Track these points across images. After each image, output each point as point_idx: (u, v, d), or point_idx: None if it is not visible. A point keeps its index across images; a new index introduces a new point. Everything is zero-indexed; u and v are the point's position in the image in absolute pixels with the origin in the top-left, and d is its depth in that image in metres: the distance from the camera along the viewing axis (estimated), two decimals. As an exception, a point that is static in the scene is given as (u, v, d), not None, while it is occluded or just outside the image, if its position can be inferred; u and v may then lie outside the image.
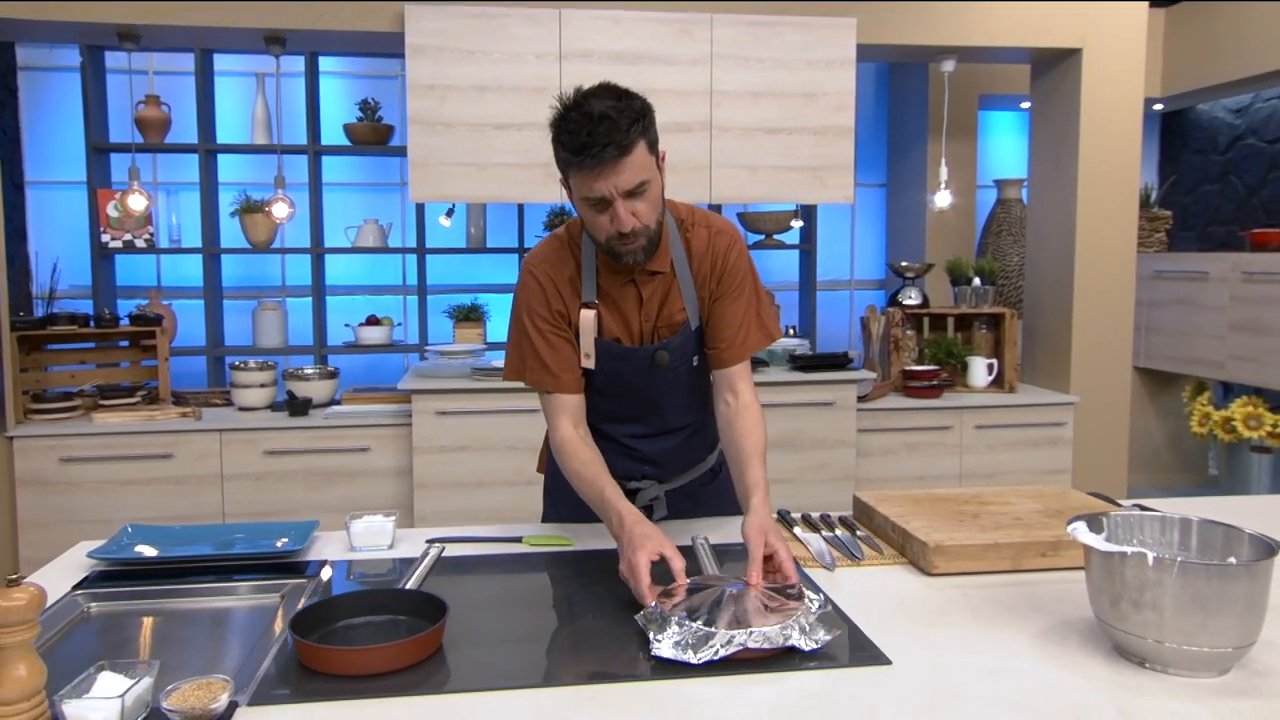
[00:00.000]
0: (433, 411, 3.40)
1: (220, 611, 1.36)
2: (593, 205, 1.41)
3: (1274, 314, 4.43)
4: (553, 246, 1.59)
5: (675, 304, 1.59)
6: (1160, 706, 1.00)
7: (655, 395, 1.64)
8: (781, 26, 3.46)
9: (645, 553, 1.27)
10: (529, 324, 1.55)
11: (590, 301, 1.55)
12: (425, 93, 3.33)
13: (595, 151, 1.34)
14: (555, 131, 1.41)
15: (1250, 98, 5.24)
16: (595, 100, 1.39)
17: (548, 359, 1.55)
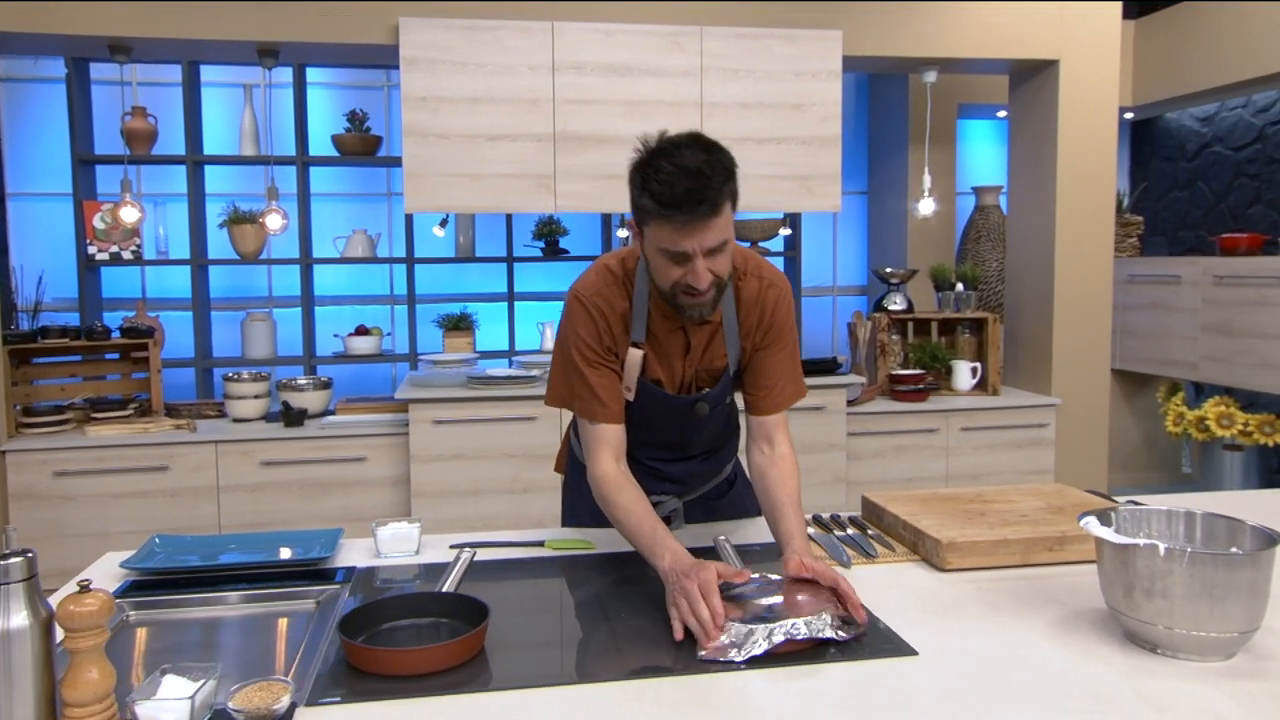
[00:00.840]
0: (429, 420, 3.42)
1: (258, 617, 1.39)
2: (670, 258, 1.38)
3: (1244, 316, 4.57)
4: (605, 280, 1.55)
5: (718, 350, 1.59)
6: (1174, 689, 1.07)
7: (686, 434, 1.68)
8: (769, 39, 3.53)
9: (710, 573, 1.25)
10: (578, 354, 1.52)
11: (639, 342, 1.54)
12: (419, 105, 3.36)
13: (688, 209, 1.31)
14: (642, 179, 1.36)
15: (1216, 107, 5.40)
16: (687, 151, 1.34)
17: (597, 389, 1.52)
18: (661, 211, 1.33)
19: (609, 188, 3.50)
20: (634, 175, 1.39)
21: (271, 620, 1.38)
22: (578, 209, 3.51)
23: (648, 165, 1.36)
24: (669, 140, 1.38)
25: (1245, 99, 5.19)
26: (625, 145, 3.56)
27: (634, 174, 1.39)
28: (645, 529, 1.41)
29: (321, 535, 1.66)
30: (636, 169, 1.38)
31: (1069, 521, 1.57)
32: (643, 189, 1.36)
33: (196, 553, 1.59)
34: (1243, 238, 4.76)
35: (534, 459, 3.49)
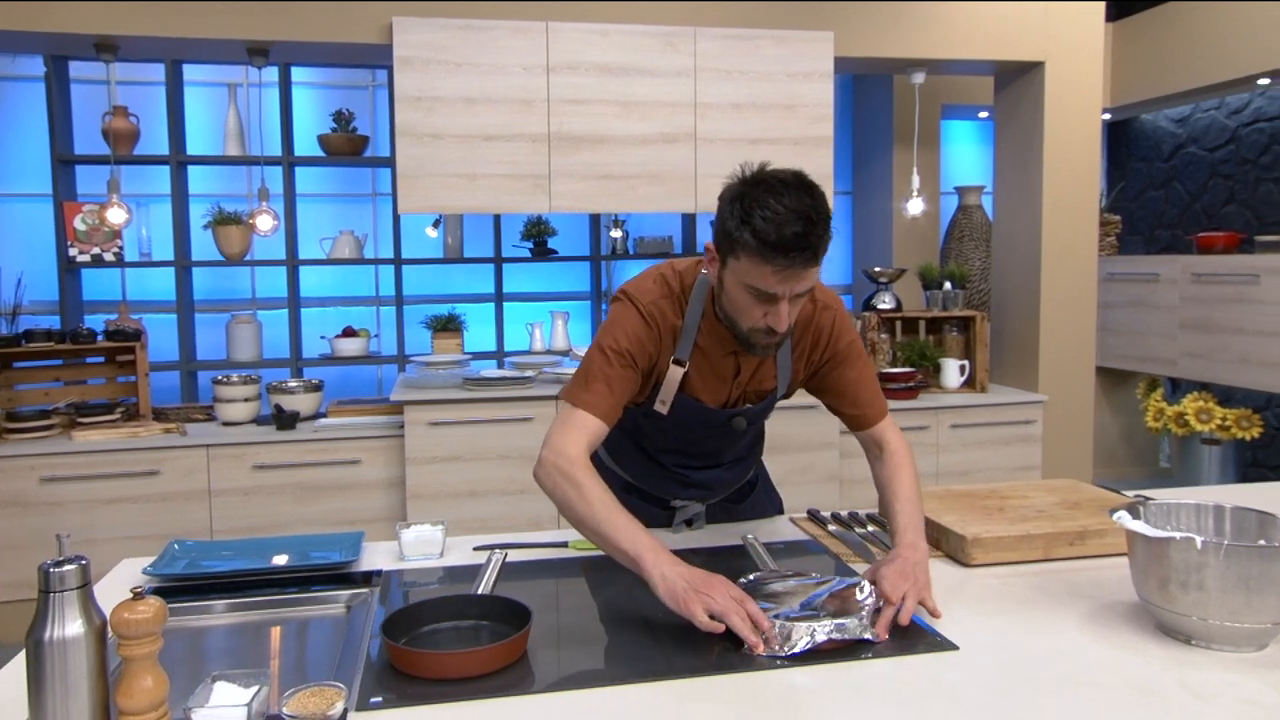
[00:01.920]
0: (425, 422, 3.40)
1: (291, 622, 1.37)
2: (756, 296, 1.34)
3: (1221, 313, 4.66)
4: (663, 291, 1.50)
5: (768, 373, 1.57)
6: (1215, 679, 1.09)
7: (719, 446, 1.67)
8: (761, 40, 3.55)
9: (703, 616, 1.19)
10: (613, 352, 1.45)
11: (682, 360, 1.50)
12: (413, 104, 3.34)
13: (792, 254, 1.28)
14: (743, 211, 1.29)
15: (1190, 108, 5.51)
16: (795, 192, 1.29)
17: (610, 380, 1.44)
18: (762, 251, 1.28)
19: (603, 188, 3.51)
20: (732, 205, 1.32)
21: (303, 625, 1.37)
22: (572, 209, 3.50)
23: (751, 198, 1.29)
24: (773, 174, 1.33)
25: (1219, 101, 5.30)
26: (619, 145, 3.61)
27: (733, 204, 1.32)
28: (623, 522, 1.32)
29: (344, 539, 1.65)
30: (737, 199, 1.32)
31: (1087, 516, 1.60)
32: (743, 222, 1.29)
33: (217, 557, 1.57)
34: (1219, 236, 4.86)
35: (530, 460, 3.42)
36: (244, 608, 1.40)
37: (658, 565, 1.25)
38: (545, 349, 4.48)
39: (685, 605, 1.20)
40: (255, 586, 1.45)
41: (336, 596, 1.43)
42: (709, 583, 1.23)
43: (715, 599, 1.20)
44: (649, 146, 3.51)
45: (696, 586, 1.22)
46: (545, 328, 4.54)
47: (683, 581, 1.23)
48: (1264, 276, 4.41)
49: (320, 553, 1.59)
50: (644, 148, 3.51)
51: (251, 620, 1.38)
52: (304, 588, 1.46)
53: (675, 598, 1.22)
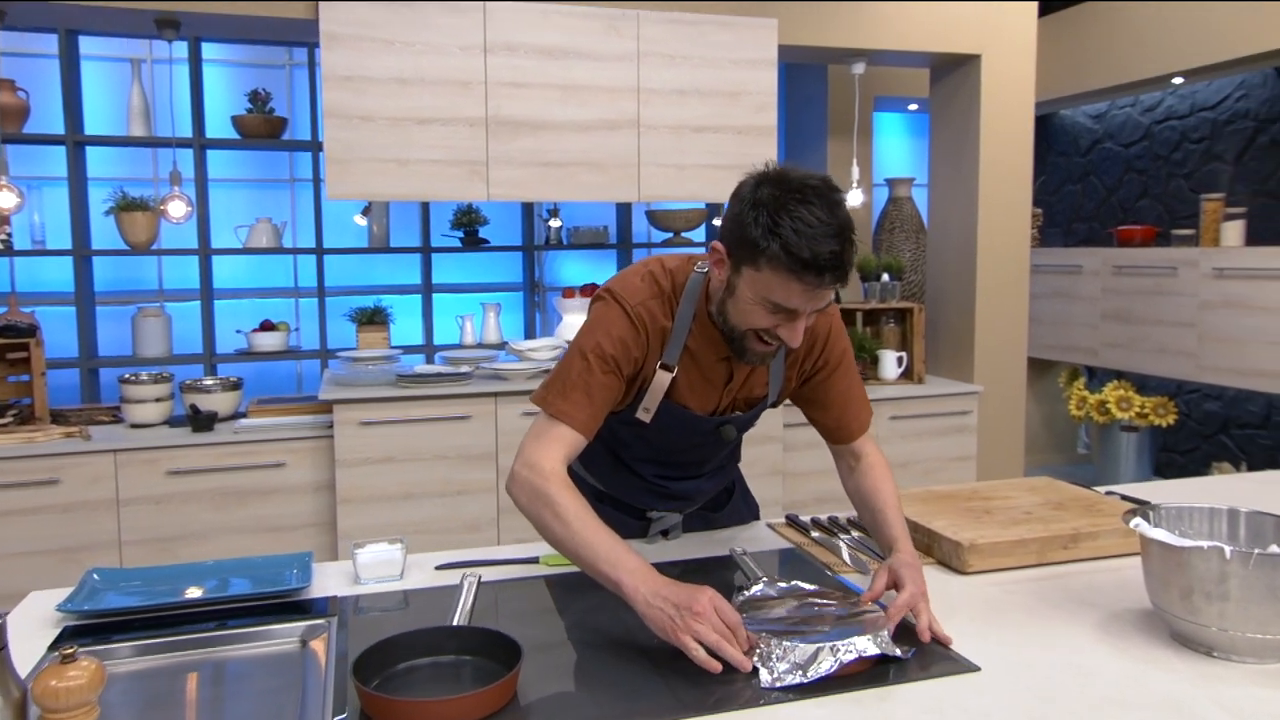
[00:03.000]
0: (356, 422, 3.21)
1: (239, 662, 1.22)
2: (771, 309, 1.25)
3: (1141, 304, 4.81)
4: (652, 292, 1.39)
5: (760, 379, 1.48)
6: (1249, 695, 1.05)
7: (703, 456, 1.58)
8: (706, 25, 3.46)
9: (695, 648, 1.10)
10: (595, 356, 1.34)
11: (670, 365, 1.40)
12: (342, 84, 3.13)
13: (823, 274, 1.19)
14: (771, 219, 1.18)
15: (1106, 105, 5.66)
16: (824, 205, 1.19)
17: (592, 390, 1.33)
18: (792, 266, 1.18)
19: (543, 176, 3.36)
20: (756, 210, 1.20)
21: (255, 664, 1.21)
22: (511, 198, 3.35)
23: (779, 205, 1.18)
24: (801, 180, 1.21)
25: (1133, 98, 5.47)
26: (560, 131, 3.47)
27: (756, 209, 1.20)
28: (603, 539, 1.21)
29: (290, 561, 1.49)
30: (763, 205, 1.20)
31: (1075, 518, 1.56)
32: (772, 231, 1.18)
33: (144, 588, 1.39)
34: (1138, 230, 5.01)
35: (468, 460, 3.33)
36: (181, 647, 1.23)
37: (639, 591, 1.15)
38: (476, 342, 4.31)
39: (675, 637, 1.12)
40: (193, 620, 1.29)
41: (289, 630, 1.27)
42: (694, 600, 1.12)
43: (705, 630, 1.11)
44: (591, 133, 3.39)
45: (684, 608, 1.12)
46: (477, 320, 4.37)
47: (669, 608, 1.13)
48: (1181, 269, 4.56)
49: (266, 578, 1.43)
50: (585, 134, 3.38)
51: (191, 661, 1.22)
52: (254, 619, 1.30)
53: (663, 629, 1.13)
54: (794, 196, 1.19)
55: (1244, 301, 4.25)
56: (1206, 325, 4.43)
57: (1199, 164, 5.08)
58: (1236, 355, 4.31)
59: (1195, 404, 5.21)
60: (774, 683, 1.08)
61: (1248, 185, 4.81)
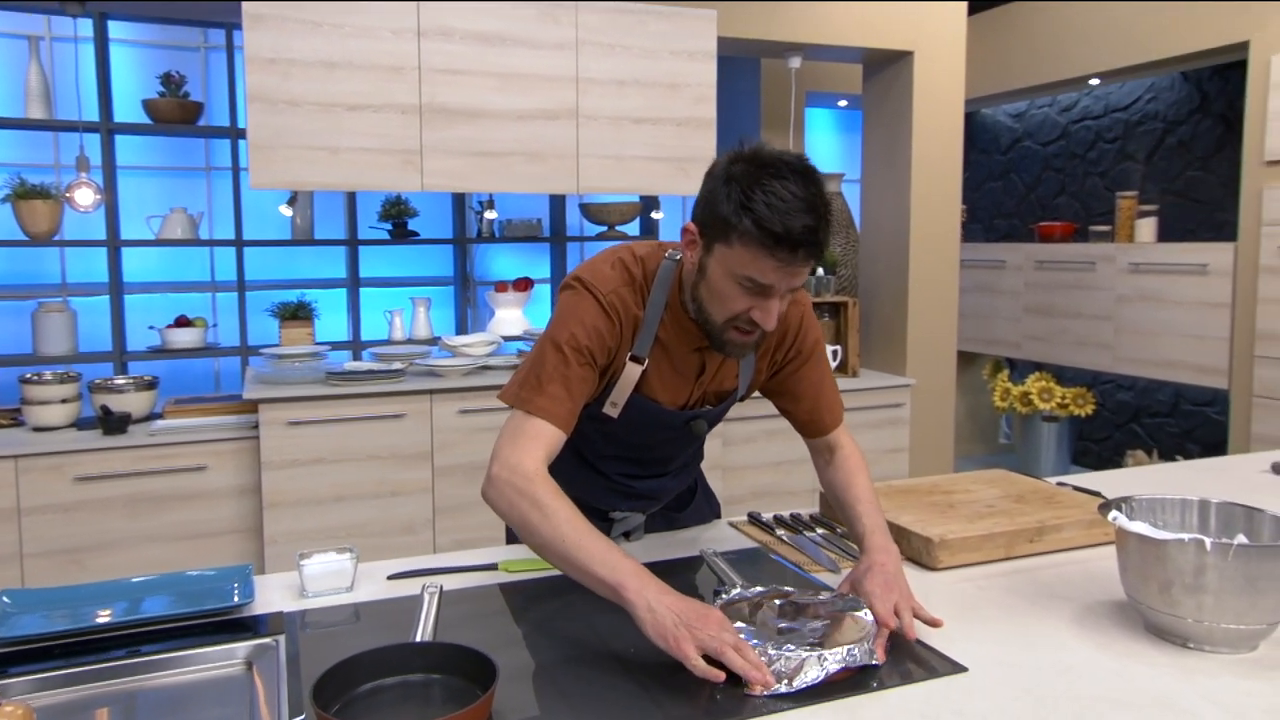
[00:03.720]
0: (283, 421, 3.06)
1: (179, 689, 1.11)
2: (746, 288, 1.21)
3: (1061, 298, 4.96)
4: (624, 279, 1.34)
5: (730, 371, 1.44)
6: (1232, 686, 1.05)
7: (671, 452, 1.53)
8: (646, 15, 3.40)
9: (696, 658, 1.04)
10: (570, 347, 1.28)
11: (641, 357, 1.35)
12: (266, 67, 2.97)
13: (798, 249, 1.15)
14: (744, 194, 1.15)
15: (1026, 105, 5.83)
16: (801, 180, 1.16)
17: (569, 383, 1.28)
18: (764, 242, 1.15)
19: (479, 165, 3.26)
20: (729, 186, 1.17)
21: (196, 691, 1.11)
22: (446, 188, 3.24)
23: (752, 180, 1.16)
24: (777, 156, 1.19)
25: (1051, 99, 5.63)
26: (497, 120, 3.37)
27: (729, 184, 1.17)
28: (597, 543, 1.15)
29: (229, 575, 1.38)
30: (735, 180, 1.17)
31: (1037, 510, 1.57)
32: (744, 207, 1.15)
33: (66, 609, 1.27)
34: (1058, 226, 5.16)
35: (402, 459, 3.21)
36: (114, 675, 1.12)
37: (643, 594, 1.08)
38: (406, 338, 4.18)
39: (676, 646, 1.05)
40: (124, 644, 1.18)
41: (231, 651, 1.18)
42: (703, 618, 1.07)
43: (708, 637, 1.05)
44: (528, 123, 3.30)
45: (689, 622, 1.06)
46: (406, 315, 4.23)
47: (672, 616, 1.06)
48: (1099, 264, 4.71)
49: (204, 594, 1.32)
50: (523, 124, 3.29)
51: (127, 689, 1.11)
52: (191, 640, 1.19)
53: (664, 636, 1.06)
54: (768, 172, 1.16)
55: (1158, 295, 4.42)
56: (1123, 318, 4.59)
57: (1113, 163, 5.27)
58: (1150, 347, 4.48)
59: (1109, 394, 5.40)
60: (759, 691, 1.03)
61: (1158, 184, 5.00)
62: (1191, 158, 4.83)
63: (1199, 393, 4.87)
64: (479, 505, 3.31)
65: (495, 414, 3.29)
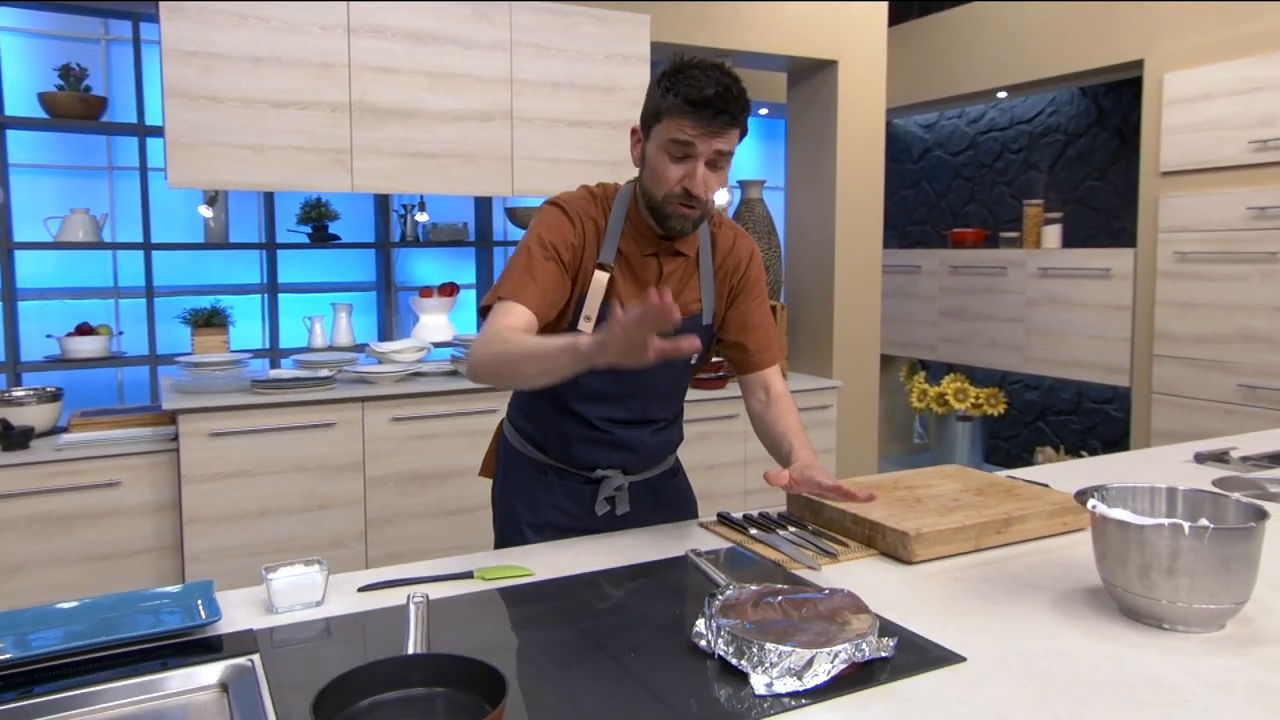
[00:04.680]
0: (205, 433, 2.91)
1: (150, 716, 1.03)
2: (675, 155, 1.42)
3: (974, 302, 5.15)
4: (585, 196, 1.57)
5: (693, 292, 1.61)
6: (1215, 664, 1.09)
7: (648, 375, 1.57)
8: (580, 17, 3.39)
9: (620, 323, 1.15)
10: (536, 244, 1.48)
11: (607, 264, 1.53)
12: (186, 60, 2.83)
13: (716, 111, 1.38)
14: (670, 82, 1.41)
15: (936, 115, 6.04)
16: (712, 69, 1.41)
17: (538, 273, 1.46)
18: (686, 108, 1.39)
19: (412, 166, 3.18)
20: (658, 83, 1.44)
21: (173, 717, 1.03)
22: (378, 189, 3.15)
23: (678, 71, 1.42)
24: (695, 57, 1.45)
25: (959, 110, 5.86)
26: (430, 120, 3.29)
27: (658, 82, 1.44)
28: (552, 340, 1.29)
29: (190, 593, 1.29)
30: (663, 76, 1.43)
31: (999, 503, 1.61)
32: (669, 90, 1.41)
33: (10, 635, 1.17)
34: (970, 232, 5.37)
35: (332, 470, 3.09)
36: (78, 704, 1.03)
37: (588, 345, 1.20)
38: (328, 345, 4.04)
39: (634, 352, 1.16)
40: (80, 671, 1.09)
41: (204, 673, 1.10)
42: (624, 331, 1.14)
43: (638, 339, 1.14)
44: (462, 123, 3.24)
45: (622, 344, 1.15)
46: (327, 321, 4.09)
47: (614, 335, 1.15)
48: (1010, 269, 4.91)
49: (165, 613, 1.24)
50: (457, 124, 3.23)
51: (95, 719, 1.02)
52: (150, 664, 1.11)
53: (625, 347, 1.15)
54: (688, 64, 1.43)
55: (1064, 299, 4.64)
56: (1032, 320, 4.80)
57: (1018, 172, 5.51)
58: (1058, 348, 4.69)
59: (1017, 394, 5.64)
60: (769, 689, 1.03)
61: (1060, 193, 5.26)
62: (1090, 168, 5.10)
63: (1100, 391, 5.13)
64: (413, 517, 3.23)
65: (430, 421, 3.21)
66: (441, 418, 3.22)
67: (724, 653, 1.07)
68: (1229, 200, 3.84)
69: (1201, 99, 3.91)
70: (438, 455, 3.22)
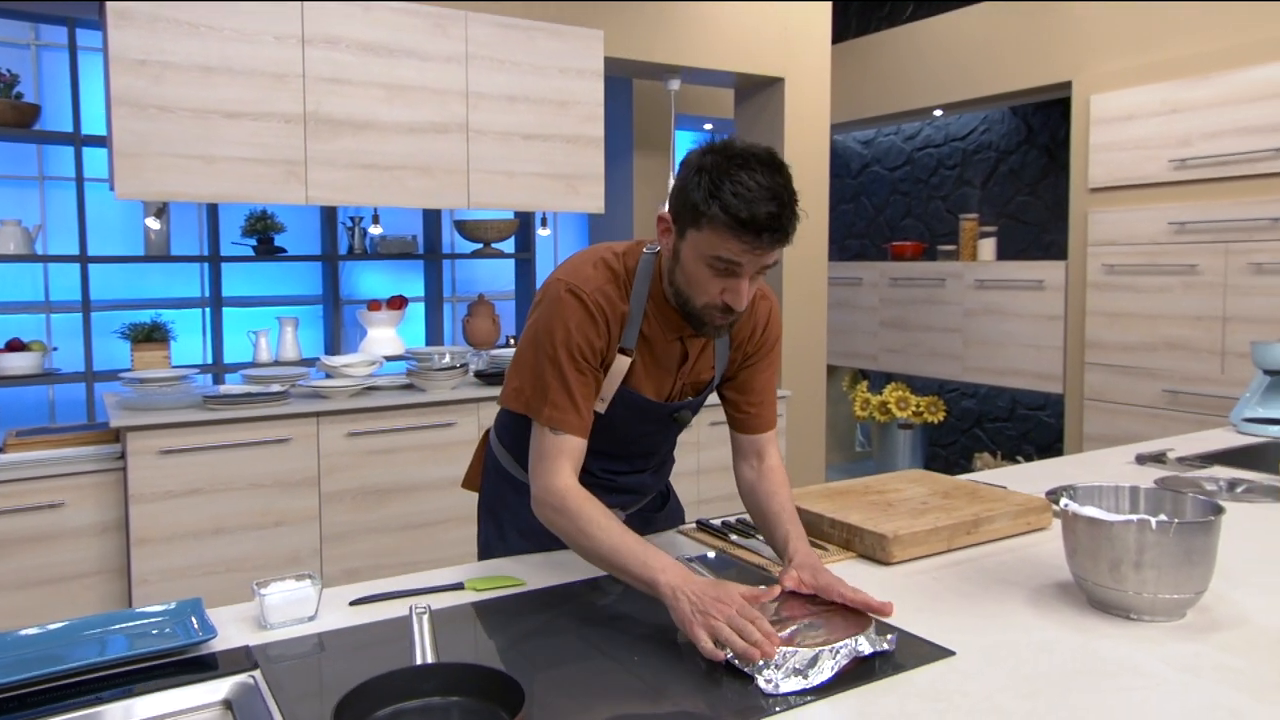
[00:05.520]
0: (154, 451, 2.83)
1: (154, 739, 1.02)
2: (717, 270, 1.28)
3: (914, 313, 5.31)
4: (606, 277, 1.40)
5: (707, 362, 1.51)
6: (1182, 650, 1.17)
7: (655, 446, 1.58)
8: (535, 32, 3.41)
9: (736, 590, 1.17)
10: (566, 355, 1.35)
11: (628, 349, 1.42)
12: (135, 69, 2.76)
13: (763, 233, 1.23)
14: (713, 184, 1.23)
15: (873, 132, 6.22)
16: (767, 170, 1.24)
17: (578, 397, 1.36)
18: (731, 227, 1.23)
19: (367, 179, 3.16)
20: (699, 176, 1.26)
21: (177, 738, 1.02)
22: (332, 201, 3.12)
23: (721, 170, 1.24)
24: (746, 149, 1.27)
25: (896, 127, 6.05)
26: (386, 132, 3.28)
27: (699, 174, 1.26)
28: (630, 544, 1.27)
29: (180, 611, 1.27)
30: (705, 171, 1.25)
31: (968, 504, 1.68)
32: (712, 195, 1.23)
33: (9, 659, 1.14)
34: (909, 245, 5.53)
35: (287, 486, 3.04)
36: (75, 726, 1.01)
37: (670, 585, 1.19)
38: (273, 359, 3.96)
39: (690, 630, 1.15)
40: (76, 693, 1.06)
41: (204, 692, 1.09)
42: (718, 600, 1.15)
43: (719, 620, 1.12)
44: (418, 136, 3.23)
45: (704, 607, 1.15)
46: (272, 335, 4.02)
47: (689, 601, 1.16)
48: (948, 280, 5.08)
49: (158, 632, 1.21)
50: (412, 137, 3.22)
51: (93, 742, 1.00)
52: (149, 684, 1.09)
53: (683, 621, 1.16)
54: (735, 163, 1.24)
55: (1000, 309, 4.82)
56: (970, 330, 4.97)
57: (953, 188, 5.71)
58: (994, 356, 4.87)
59: (954, 402, 5.82)
60: (776, 689, 1.06)
61: (993, 207, 5.46)
62: (1021, 184, 5.31)
63: (1033, 398, 5.33)
64: (370, 532, 3.19)
65: (386, 436, 3.18)
66: (398, 432, 3.19)
67: (729, 656, 1.11)
68: (1152, 216, 4.04)
69: (1126, 119, 4.12)
70: (395, 469, 3.19)
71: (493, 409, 3.35)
